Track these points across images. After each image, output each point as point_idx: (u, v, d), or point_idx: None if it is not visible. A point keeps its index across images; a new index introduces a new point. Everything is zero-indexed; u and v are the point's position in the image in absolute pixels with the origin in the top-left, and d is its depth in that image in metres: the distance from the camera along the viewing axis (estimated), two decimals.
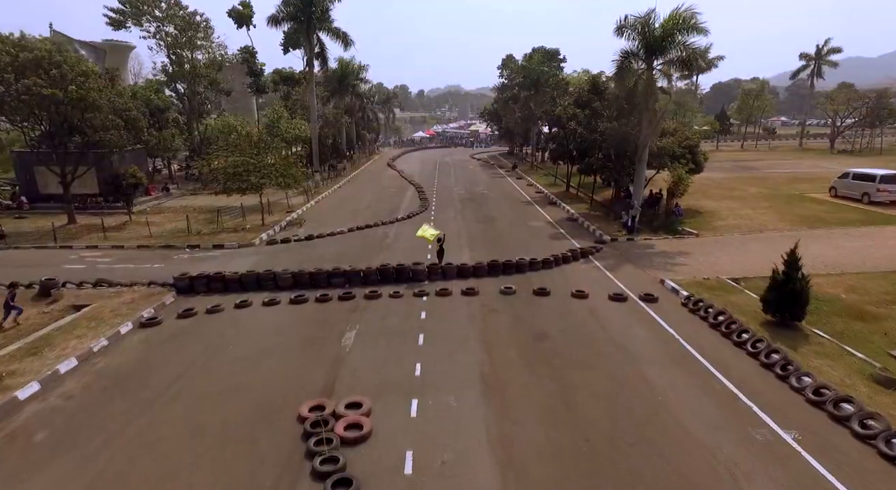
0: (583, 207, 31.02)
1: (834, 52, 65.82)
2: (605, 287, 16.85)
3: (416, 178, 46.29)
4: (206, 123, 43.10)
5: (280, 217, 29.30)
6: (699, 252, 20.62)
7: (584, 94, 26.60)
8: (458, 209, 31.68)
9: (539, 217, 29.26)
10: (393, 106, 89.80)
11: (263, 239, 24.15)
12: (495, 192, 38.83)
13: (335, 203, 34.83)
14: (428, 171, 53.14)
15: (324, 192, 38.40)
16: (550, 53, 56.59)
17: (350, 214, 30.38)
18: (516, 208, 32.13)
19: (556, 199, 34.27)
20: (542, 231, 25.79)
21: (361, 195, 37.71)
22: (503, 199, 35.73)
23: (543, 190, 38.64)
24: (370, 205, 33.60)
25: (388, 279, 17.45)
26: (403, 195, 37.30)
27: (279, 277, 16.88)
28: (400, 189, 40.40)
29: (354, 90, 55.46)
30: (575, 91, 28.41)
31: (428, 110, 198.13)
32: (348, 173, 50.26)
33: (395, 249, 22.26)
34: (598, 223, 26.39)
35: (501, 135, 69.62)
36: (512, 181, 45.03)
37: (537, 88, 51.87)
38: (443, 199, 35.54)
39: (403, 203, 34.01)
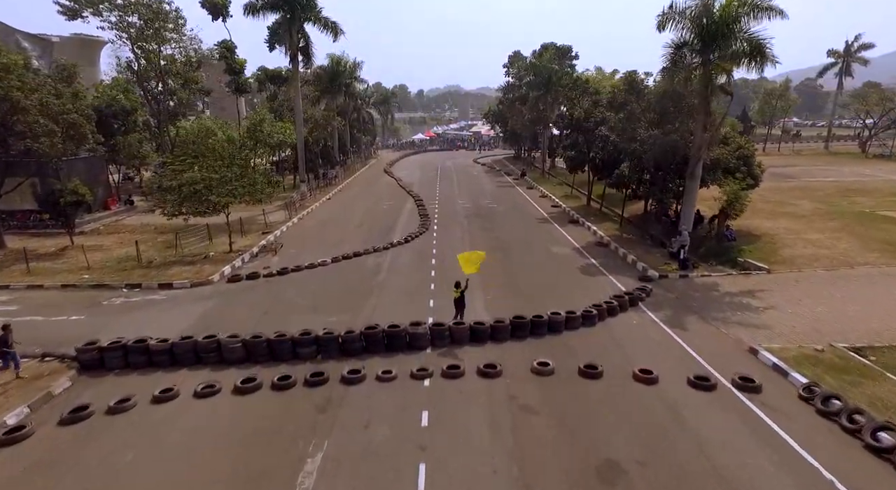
0: (611, 228, 26.33)
1: (865, 49, 61.25)
2: (675, 359, 12.19)
3: (416, 188, 41.61)
4: (180, 126, 38.36)
5: (253, 240, 24.62)
6: (781, 297, 15.94)
7: (618, 95, 21.96)
8: (465, 228, 26.97)
9: (562, 241, 24.56)
10: (391, 107, 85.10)
11: (226, 273, 19.45)
12: (505, 205, 34.14)
13: (322, 219, 30.12)
14: (429, 178, 48.45)
15: (311, 206, 33.71)
16: (562, 50, 52.07)
17: (337, 236, 25.68)
18: (533, 228, 27.41)
19: (578, 215, 29.57)
20: (569, 261, 21.10)
21: (353, 209, 33.01)
22: (516, 214, 31.04)
23: (560, 203, 33.96)
24: (362, 222, 28.89)
25: (376, 346, 12.77)
26: (401, 209, 32.61)
27: (226, 347, 12.18)
28: (397, 201, 35.70)
29: (348, 90, 50.78)
30: (607, 91, 23.63)
31: (427, 110, 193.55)
32: (341, 181, 45.58)
33: (389, 291, 17.57)
34: (635, 250, 21.72)
35: (506, 137, 64.97)
36: (522, 191, 40.32)
37: (548, 88, 47.22)
38: (446, 214, 30.85)
39: (401, 220, 29.31)
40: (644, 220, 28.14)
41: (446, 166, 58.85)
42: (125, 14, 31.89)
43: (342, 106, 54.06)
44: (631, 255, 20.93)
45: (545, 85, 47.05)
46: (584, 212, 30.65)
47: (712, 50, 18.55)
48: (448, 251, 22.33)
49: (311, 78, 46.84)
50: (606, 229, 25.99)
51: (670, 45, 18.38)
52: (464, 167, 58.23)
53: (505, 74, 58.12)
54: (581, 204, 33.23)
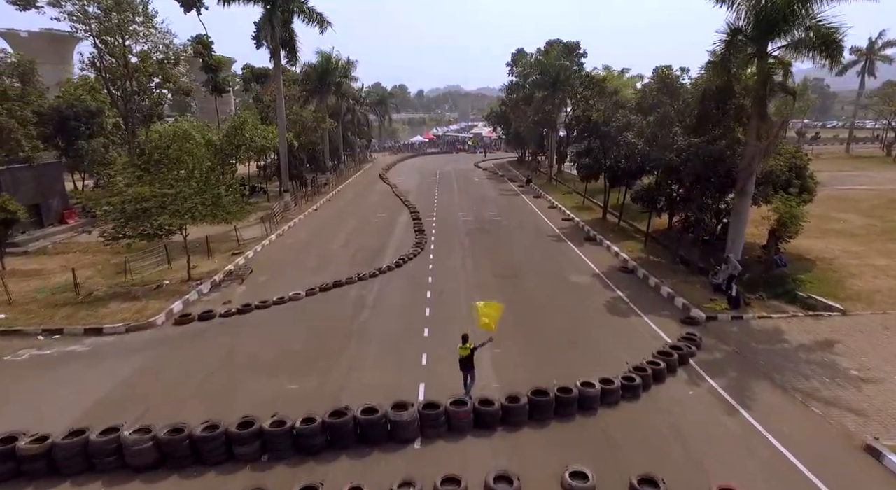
0: (634, 247, 22.81)
1: (890, 46, 57.72)
2: (763, 463, 8.69)
3: (412, 196, 38.11)
4: (153, 130, 34.85)
5: (220, 263, 21.16)
6: (876, 354, 12.41)
7: (649, 96, 18.42)
8: (467, 248, 23.45)
9: (580, 265, 21.02)
10: (388, 107, 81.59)
11: (174, 311, 15.94)
12: (512, 218, 30.61)
13: (304, 236, 26.59)
14: (427, 184, 44.94)
15: (294, 218, 30.22)
16: (569, 47, 48.65)
17: (319, 258, 22.17)
18: (545, 248, 23.86)
19: (594, 231, 26.02)
20: (591, 294, 17.57)
21: (341, 223, 29.48)
22: (524, 230, 27.50)
23: (572, 215, 30.43)
24: (349, 240, 25.36)
25: (344, 440, 9.25)
26: (394, 223, 29.09)
27: (131, 448, 8.65)
28: (391, 212, 32.19)
29: (339, 89, 47.28)
30: (634, 92, 20.03)
31: (427, 111, 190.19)
32: (332, 188, 42.07)
33: (371, 338, 14.05)
34: (668, 278, 18.21)
35: (510, 140, 61.49)
36: (529, 201, 36.79)
37: (556, 87, 43.75)
38: (445, 229, 27.32)
39: (393, 237, 25.80)
40: (671, 238, 24.63)
41: (446, 171, 55.34)
42: (86, 3, 28.37)
43: (334, 107, 50.64)
44: (665, 287, 17.40)
45: (552, 84, 43.60)
46: (600, 227, 27.12)
47: (771, 38, 15.06)
48: (447, 279, 18.82)
49: (300, 77, 43.35)
50: (629, 249, 22.47)
51: (726, 30, 14.84)
52: (464, 172, 54.71)
53: (508, 73, 54.68)
54: (596, 217, 29.71)
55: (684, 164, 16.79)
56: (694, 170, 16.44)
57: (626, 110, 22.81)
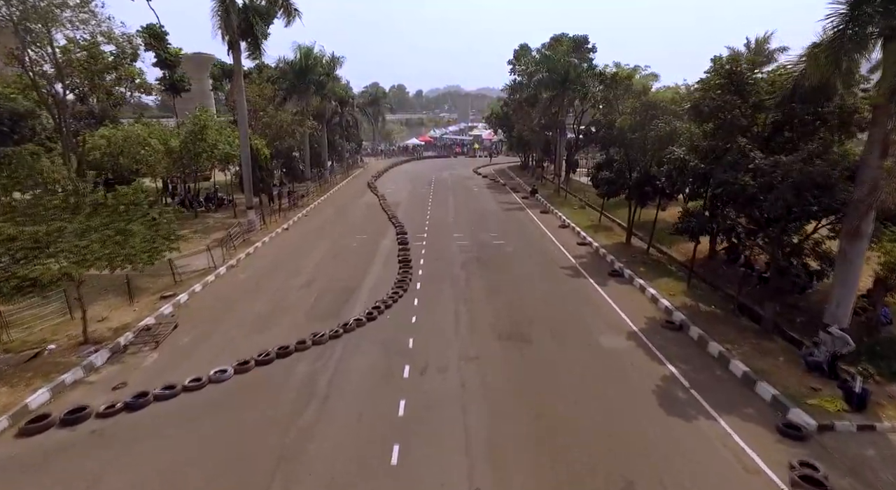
0: (675, 287, 17.88)
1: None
2: None
3: (402, 211, 33.21)
4: (99, 135, 29.88)
5: (143, 310, 16.26)
6: None
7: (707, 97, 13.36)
8: (461, 290, 18.46)
9: (609, 317, 16.04)
10: (382, 108, 76.68)
11: (29, 407, 10.96)
12: (517, 241, 25.62)
13: (260, 269, 21.61)
14: (419, 196, 39.97)
15: (257, 242, 25.26)
16: (577, 42, 43.67)
17: (270, 304, 17.19)
18: (562, 288, 18.86)
19: (619, 262, 21.06)
20: (635, 372, 12.60)
21: (311, 249, 24.49)
22: (532, 259, 22.51)
23: (588, 238, 25.46)
24: (315, 275, 20.37)
25: None
26: (375, 249, 24.12)
27: None
28: (374, 234, 27.22)
29: (324, 88, 42.31)
30: (687, 92, 14.96)
31: (427, 111, 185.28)
32: (312, 200, 37.11)
33: (311, 473, 9.07)
34: (737, 343, 13.30)
35: (512, 144, 56.55)
36: (535, 217, 31.84)
37: (565, 86, 38.81)
38: (436, 259, 22.36)
39: (371, 270, 20.84)
40: (715, 271, 19.72)
41: (442, 178, 50.37)
42: None
43: (318, 108, 45.64)
44: (736, 361, 12.45)
45: (560, 83, 38.65)
46: (625, 255, 22.17)
47: None
48: (434, 344, 13.87)
49: (276, 75, 38.35)
50: (669, 291, 17.54)
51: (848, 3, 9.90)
52: (462, 180, 49.73)
53: (510, 71, 49.72)
54: (617, 240, 24.75)
55: (768, 191, 11.83)
56: (783, 200, 11.50)
57: (668, 116, 17.81)
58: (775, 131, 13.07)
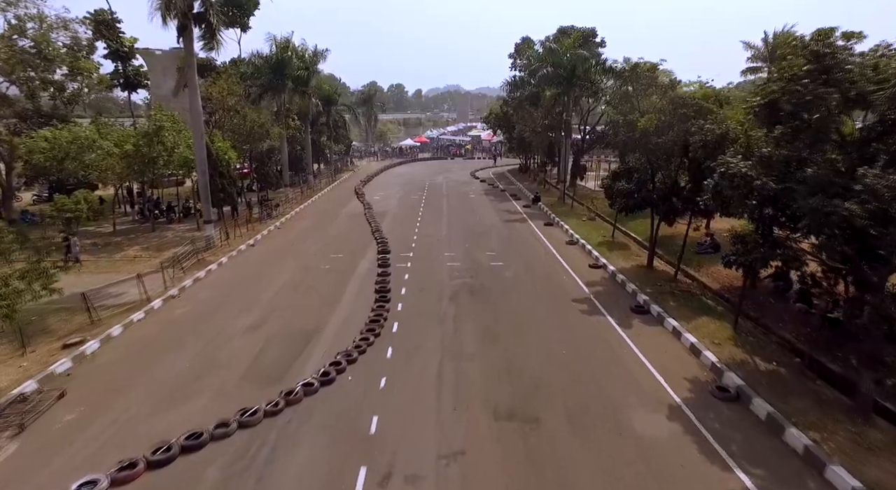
0: (720, 331, 14.08)
1: None
2: None
3: (388, 223, 29.45)
4: (40, 136, 26.09)
5: (30, 367, 12.49)
6: None
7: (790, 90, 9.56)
8: (448, 335, 14.63)
9: (642, 378, 12.20)
10: (375, 107, 72.91)
11: None
12: (518, 262, 21.81)
13: (206, 300, 17.79)
14: (410, 204, 36.18)
15: (213, 263, 21.48)
16: (585, 34, 39.84)
17: (199, 359, 13.37)
18: (576, 333, 14.99)
19: (644, 294, 17.22)
20: (687, 478, 8.80)
21: (273, 274, 20.66)
22: (536, 287, 18.67)
23: (601, 258, 21.63)
24: (270, 311, 16.55)
25: None
26: (349, 274, 20.32)
27: None
28: (351, 253, 23.42)
29: (306, 85, 38.50)
30: (766, 83, 11.09)
31: (426, 111, 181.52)
32: (290, 209, 33.33)
33: None
34: (824, 429, 9.50)
35: (512, 146, 52.75)
36: (539, 230, 28.02)
37: (571, 83, 35.02)
38: (420, 287, 18.55)
39: (341, 302, 17.02)
40: (763, 306, 15.89)
41: (436, 183, 46.57)
42: None
43: (301, 107, 41.85)
44: (837, 468, 8.64)
45: (567, 79, 34.85)
46: (650, 283, 18.36)
47: None
48: (405, 430, 10.02)
49: (250, 70, 34.55)
50: (713, 337, 13.76)
51: None
52: (458, 185, 45.90)
53: (510, 67, 45.99)
54: (637, 262, 20.94)
55: (883, 224, 8.04)
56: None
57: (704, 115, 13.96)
58: (885, 132, 9.27)
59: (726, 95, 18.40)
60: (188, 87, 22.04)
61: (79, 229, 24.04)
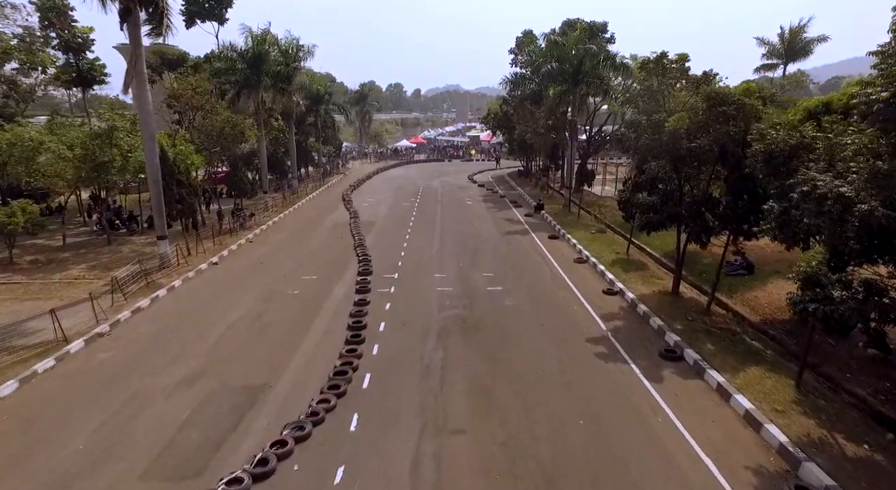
0: (778, 392, 10.96)
1: None
2: None
3: (375, 233, 26.40)
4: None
5: None
6: None
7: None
8: (433, 394, 11.45)
9: (687, 467, 9.07)
10: (369, 107, 69.78)
11: None
12: (520, 287, 18.67)
13: (138, 339, 14.64)
14: (401, 211, 33.11)
15: (162, 287, 18.37)
16: (594, 28, 36.76)
17: (109, 427, 10.24)
18: (594, 392, 11.81)
19: (672, 332, 14.09)
20: None
21: (231, 300, 17.51)
22: (544, 322, 15.50)
23: (616, 281, 18.49)
24: (213, 357, 13.42)
25: None
26: (321, 301, 17.18)
27: None
28: (326, 274, 20.32)
29: (289, 82, 35.38)
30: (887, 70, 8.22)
31: (425, 111, 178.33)
32: (268, 218, 30.25)
33: None
34: None
35: (513, 147, 49.65)
36: (543, 245, 24.89)
37: (578, 80, 31.94)
38: (403, 322, 15.41)
39: (303, 345, 13.86)
40: (816, 347, 12.76)
41: (431, 188, 43.49)
42: None
43: (285, 107, 38.72)
44: None
45: (572, 76, 31.76)
46: (677, 313, 15.26)
47: None
48: None
49: (225, 66, 31.40)
50: (770, 397, 10.66)
51: None
52: (454, 190, 42.79)
53: (511, 63, 42.90)
54: (659, 287, 17.82)
55: None
56: None
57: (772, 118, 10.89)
58: None
59: (771, 92, 15.31)
60: (136, 81, 18.92)
61: (14, 244, 21.07)
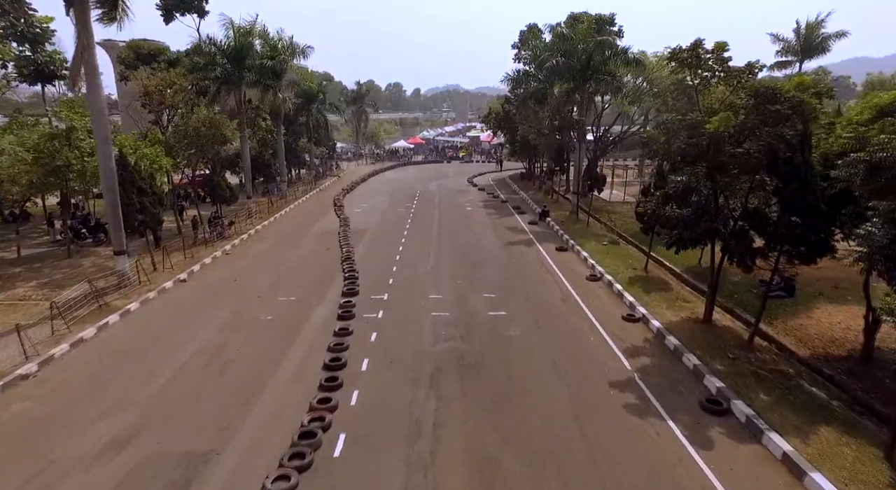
0: (857, 456, 8.49)
1: None
2: None
3: (366, 244, 24.02)
4: None
5: None
6: None
7: None
8: (421, 470, 9.04)
9: None
10: (365, 106, 67.35)
11: None
12: (527, 312, 16.22)
13: (72, 380, 12.18)
14: (395, 218, 30.71)
15: (115, 311, 15.94)
16: (601, 21, 34.31)
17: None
18: (629, 468, 9.40)
19: (714, 377, 11.65)
20: None
21: (191, 329, 15.06)
22: (557, 360, 13.03)
23: (639, 308, 16.06)
24: (151, 411, 10.98)
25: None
26: (297, 329, 14.74)
27: None
28: (307, 294, 17.88)
29: (279, 78, 32.93)
30: None
31: (425, 110, 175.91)
32: (252, 226, 27.84)
33: None
34: None
35: (515, 149, 47.18)
36: (550, 258, 22.43)
37: (587, 76, 29.54)
38: (390, 356, 12.97)
39: (264, 396, 11.39)
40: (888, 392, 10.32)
41: (429, 192, 41.07)
42: None
43: (272, 106, 36.30)
44: None
45: (581, 72, 29.35)
46: (714, 348, 12.86)
47: None
48: None
49: (204, 61, 28.95)
50: (854, 474, 8.20)
51: None
52: (453, 195, 40.34)
53: (514, 59, 40.46)
54: (687, 312, 15.41)
55: None
56: None
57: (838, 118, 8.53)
58: None
59: (829, 86, 12.93)
60: (86, 75, 16.47)
61: None
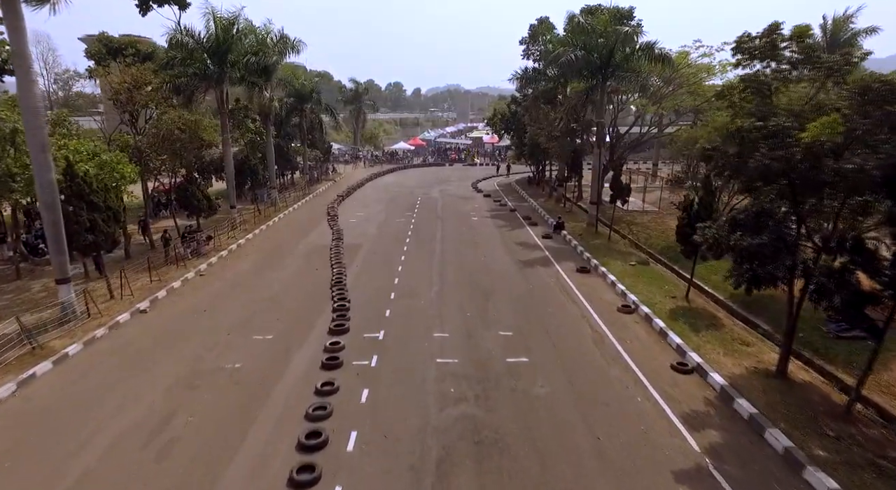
0: None
1: None
2: None
3: (360, 263, 21.07)
4: None
5: None
6: None
7: None
8: None
9: None
10: (365, 106, 64.39)
11: None
12: (553, 358, 13.26)
13: None
14: (394, 231, 27.74)
15: (52, 356, 12.99)
16: (618, 14, 31.28)
17: None
18: None
19: (817, 468, 8.71)
20: None
21: (137, 386, 12.09)
22: (602, 438, 10.05)
23: (692, 354, 13.12)
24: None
25: None
26: (270, 386, 11.75)
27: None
28: (287, 331, 14.92)
29: (268, 77, 29.97)
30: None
31: (425, 110, 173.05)
32: (233, 240, 24.93)
33: None
34: None
35: (523, 152, 44.18)
36: (572, 283, 19.42)
37: (607, 73, 26.60)
38: (385, 428, 9.99)
39: (224, 480, 8.48)
40: None
41: (431, 199, 38.12)
42: None
43: (262, 106, 33.38)
44: None
45: (601, 68, 26.39)
46: (801, 416, 9.91)
47: None
48: None
49: (180, 54, 25.97)
50: None
51: None
52: (457, 202, 37.36)
53: (522, 55, 37.54)
54: (753, 358, 12.48)
55: None
56: None
57: None
58: None
59: None
60: (16, 67, 13.53)
61: None
